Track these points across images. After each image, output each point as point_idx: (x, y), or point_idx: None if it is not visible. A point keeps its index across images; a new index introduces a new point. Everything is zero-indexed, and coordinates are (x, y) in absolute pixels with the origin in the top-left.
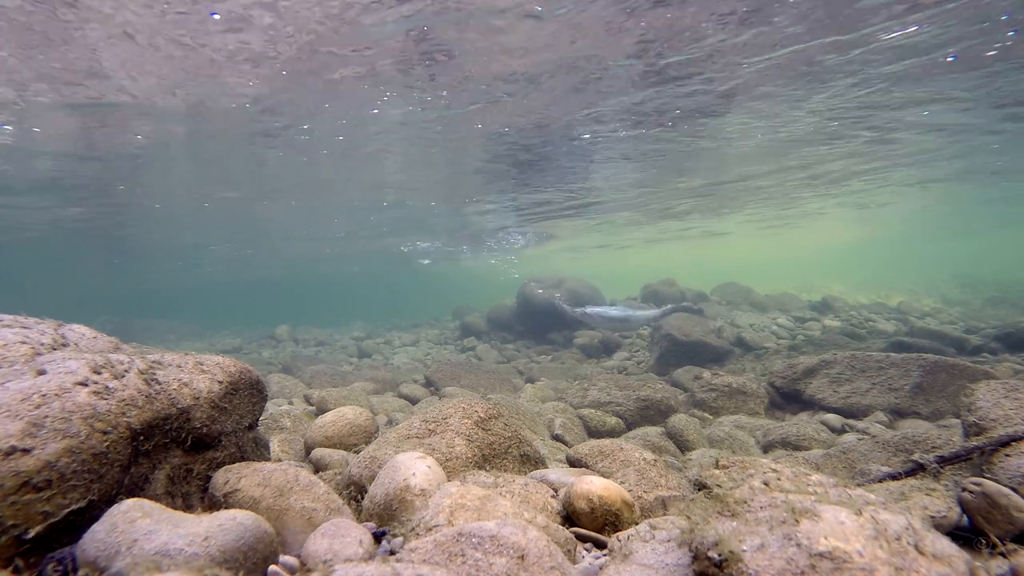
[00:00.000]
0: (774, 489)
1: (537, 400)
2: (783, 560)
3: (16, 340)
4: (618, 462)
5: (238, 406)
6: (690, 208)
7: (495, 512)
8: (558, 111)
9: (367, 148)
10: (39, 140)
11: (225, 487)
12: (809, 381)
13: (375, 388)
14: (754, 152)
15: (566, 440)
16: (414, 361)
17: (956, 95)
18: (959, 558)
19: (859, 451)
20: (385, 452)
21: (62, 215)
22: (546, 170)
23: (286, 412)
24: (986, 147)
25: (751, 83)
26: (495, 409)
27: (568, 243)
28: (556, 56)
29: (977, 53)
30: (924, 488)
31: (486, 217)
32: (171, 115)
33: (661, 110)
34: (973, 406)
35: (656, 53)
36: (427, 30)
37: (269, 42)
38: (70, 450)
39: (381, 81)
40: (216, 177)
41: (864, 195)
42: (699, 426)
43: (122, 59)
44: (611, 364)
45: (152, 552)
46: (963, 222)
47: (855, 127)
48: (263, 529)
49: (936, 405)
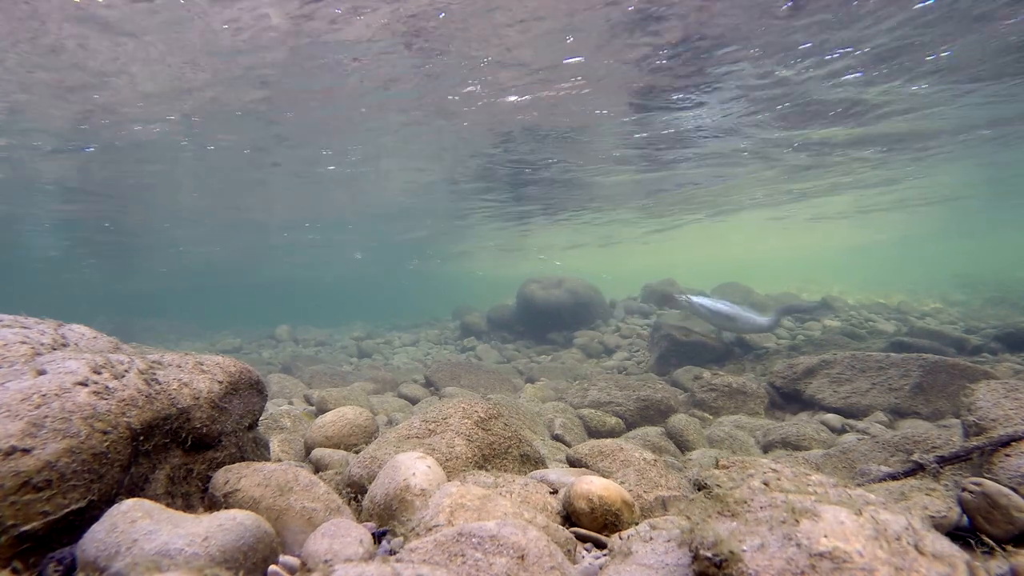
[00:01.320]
0: (774, 489)
1: (537, 400)
2: (783, 560)
3: (16, 340)
4: (618, 462)
5: (238, 406)
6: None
7: (495, 512)
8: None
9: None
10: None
11: (225, 487)
12: (809, 381)
13: (375, 388)
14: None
15: (566, 440)
16: (414, 361)
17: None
18: (959, 558)
19: (859, 451)
20: (385, 452)
21: (68, 214)
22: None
23: (286, 412)
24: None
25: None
26: (495, 409)
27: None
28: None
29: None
30: (924, 488)
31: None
32: (174, 120)
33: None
34: (973, 406)
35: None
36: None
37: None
38: (70, 450)
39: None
40: (218, 190)
41: (865, 198)
42: (699, 426)
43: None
44: (611, 364)
45: (152, 552)
46: (963, 222)
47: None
48: (263, 529)
49: (936, 405)
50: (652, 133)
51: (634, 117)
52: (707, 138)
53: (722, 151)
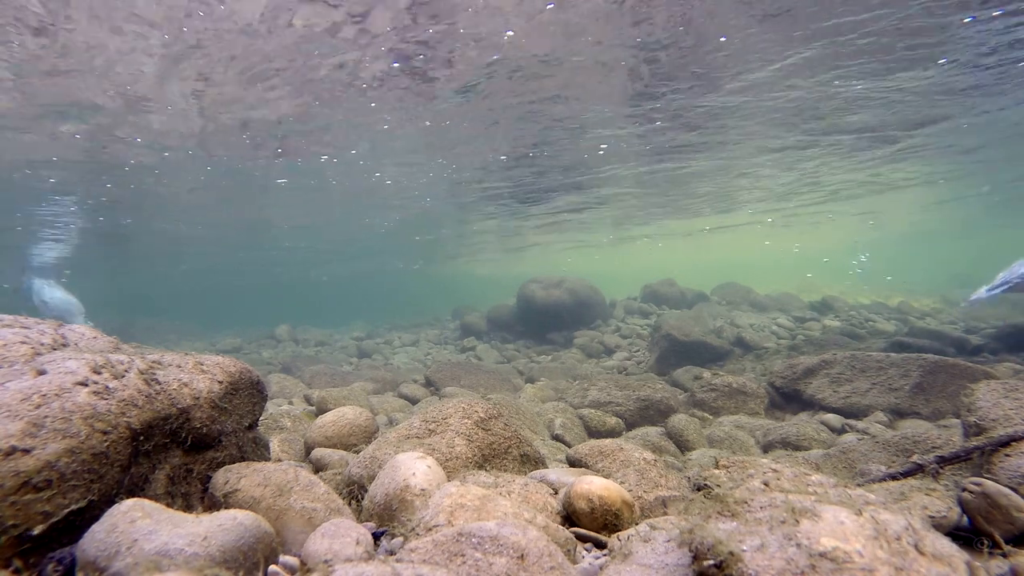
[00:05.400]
0: (774, 489)
1: (537, 400)
2: (783, 560)
3: (16, 340)
4: (618, 462)
5: (238, 406)
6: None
7: (495, 512)
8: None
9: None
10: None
11: (225, 487)
12: (809, 381)
13: (375, 388)
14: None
15: (566, 440)
16: (414, 361)
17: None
18: (959, 558)
19: (859, 451)
20: (385, 452)
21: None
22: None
23: (286, 412)
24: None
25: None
26: (495, 409)
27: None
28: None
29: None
30: (924, 488)
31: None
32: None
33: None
34: (973, 406)
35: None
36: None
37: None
38: (70, 450)
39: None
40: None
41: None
42: (699, 426)
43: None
44: (611, 364)
45: (152, 552)
46: (963, 222)
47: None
48: (263, 529)
49: (936, 405)
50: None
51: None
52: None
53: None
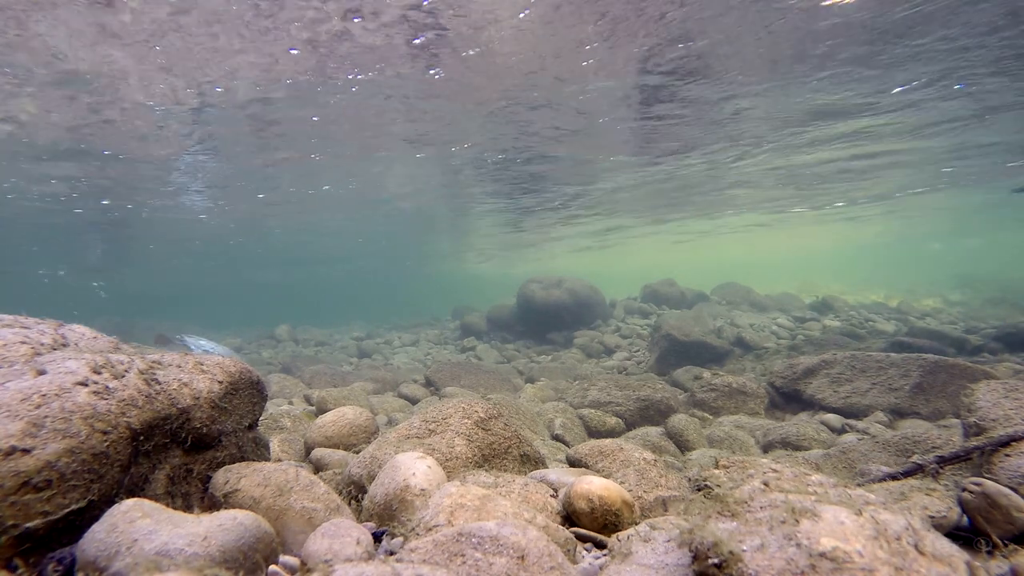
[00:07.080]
0: (774, 489)
1: (537, 400)
2: (783, 560)
3: (16, 340)
4: (618, 462)
5: (238, 406)
6: (689, 209)
7: (495, 512)
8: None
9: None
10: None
11: (225, 487)
12: (809, 381)
13: (375, 388)
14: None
15: (566, 440)
16: (414, 361)
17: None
18: (959, 558)
19: (859, 451)
20: (385, 452)
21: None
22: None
23: (286, 412)
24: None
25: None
26: (495, 409)
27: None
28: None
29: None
30: (924, 488)
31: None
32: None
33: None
34: (973, 406)
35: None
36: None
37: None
38: (70, 450)
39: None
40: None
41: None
42: (699, 426)
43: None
44: (611, 364)
45: (152, 552)
46: (963, 222)
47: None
48: (263, 529)
49: (936, 405)
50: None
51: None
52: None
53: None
